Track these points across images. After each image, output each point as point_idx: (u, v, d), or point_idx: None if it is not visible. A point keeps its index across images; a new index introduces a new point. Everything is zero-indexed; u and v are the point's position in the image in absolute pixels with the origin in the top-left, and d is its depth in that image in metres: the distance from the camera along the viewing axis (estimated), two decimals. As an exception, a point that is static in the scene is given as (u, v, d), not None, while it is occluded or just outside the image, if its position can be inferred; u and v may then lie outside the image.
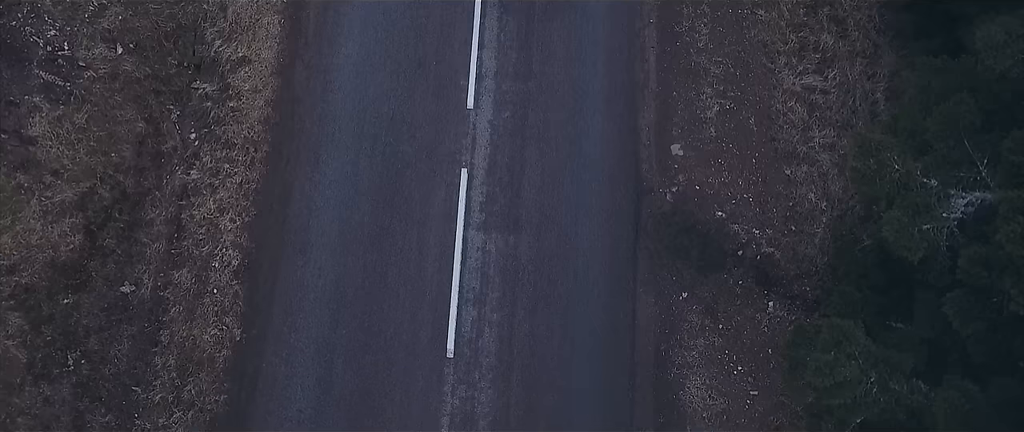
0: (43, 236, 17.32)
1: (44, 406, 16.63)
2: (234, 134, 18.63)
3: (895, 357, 13.29)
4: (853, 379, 13.06)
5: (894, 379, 13.30)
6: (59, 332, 17.04)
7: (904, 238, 12.80)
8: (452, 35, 19.40)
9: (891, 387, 13.27)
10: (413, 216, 18.07)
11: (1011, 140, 12.37)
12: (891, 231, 12.88)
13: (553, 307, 17.57)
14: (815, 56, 19.90)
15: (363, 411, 16.77)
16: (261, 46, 19.31)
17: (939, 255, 13.13)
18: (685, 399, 17.11)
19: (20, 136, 17.96)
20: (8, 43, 18.44)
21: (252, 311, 17.47)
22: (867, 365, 13.19)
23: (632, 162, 18.72)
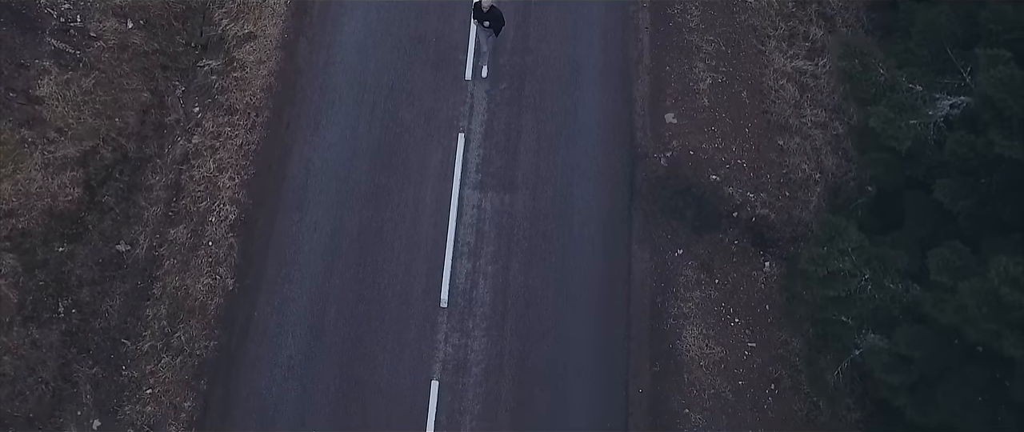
0: (43, 185, 17.45)
1: (31, 348, 16.40)
2: (236, 100, 19.01)
3: (889, 254, 13.20)
4: (846, 271, 12.95)
5: (889, 277, 13.18)
6: (52, 278, 16.96)
7: (891, 128, 12.92)
8: (452, 15, 20.01)
9: (886, 285, 13.14)
10: (410, 176, 18.23)
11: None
12: (878, 122, 13.01)
13: (548, 261, 17.51)
14: (805, 44, 20.40)
15: (354, 357, 16.51)
16: (267, 23, 19.92)
17: (927, 149, 13.20)
18: (681, 348, 16.83)
19: (27, 95, 18.33)
20: (22, 13, 19.04)
21: (246, 262, 17.44)
22: (860, 261, 13.10)
23: (626, 129, 18.99)
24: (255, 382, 16.33)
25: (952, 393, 11.98)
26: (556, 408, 16.18)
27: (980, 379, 11.99)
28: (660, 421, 16.19)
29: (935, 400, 12.27)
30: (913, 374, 12.77)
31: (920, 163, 13.37)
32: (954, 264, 11.35)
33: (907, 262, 13.22)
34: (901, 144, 12.92)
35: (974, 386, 11.98)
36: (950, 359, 12.27)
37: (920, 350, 12.21)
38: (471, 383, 16.33)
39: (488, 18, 17.98)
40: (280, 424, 15.97)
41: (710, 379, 16.55)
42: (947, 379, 12.15)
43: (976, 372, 12.05)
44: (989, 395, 11.95)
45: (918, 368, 12.67)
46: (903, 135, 12.86)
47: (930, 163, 13.25)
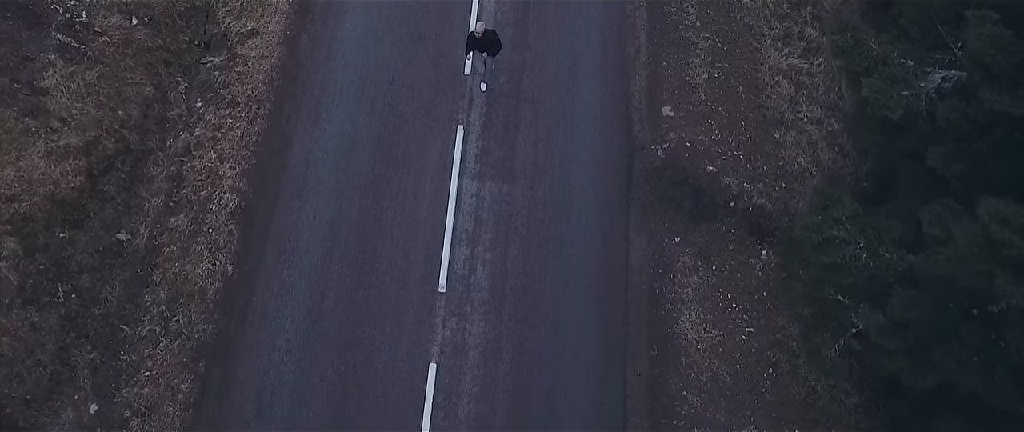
0: (45, 172, 17.60)
1: (30, 331, 16.44)
2: (238, 93, 19.25)
3: (883, 223, 13.31)
4: (841, 239, 13.04)
5: (883, 246, 13.26)
6: (52, 263, 17.05)
7: (883, 98, 13.10)
8: (452, 13, 20.33)
9: (881, 254, 13.22)
10: (409, 166, 18.39)
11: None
12: (871, 92, 13.19)
13: (546, 248, 17.60)
14: (800, 43, 20.68)
15: (353, 341, 16.54)
16: (269, 20, 20.23)
17: (919, 119, 13.37)
18: (679, 332, 16.85)
19: (32, 86, 18.57)
20: (29, 9, 19.35)
21: (246, 249, 17.53)
22: (855, 230, 13.21)
23: (624, 122, 19.19)
24: (253, 365, 16.33)
25: (947, 353, 12.01)
26: (554, 390, 16.16)
27: (975, 339, 12.02)
28: (658, 403, 16.16)
29: (931, 361, 12.29)
30: (909, 339, 12.80)
31: (913, 133, 13.53)
32: (946, 218, 11.45)
33: (901, 231, 13.32)
34: (893, 112, 13.08)
35: (969, 346, 12.01)
36: (945, 321, 12.32)
37: (915, 312, 12.25)
38: (469, 366, 16.33)
39: (485, 45, 18.00)
40: (278, 406, 15.94)
41: (708, 362, 16.55)
42: (942, 340, 12.18)
43: (971, 332, 12.08)
44: (984, 355, 11.98)
45: (914, 332, 12.70)
46: (895, 104, 13.03)
47: (922, 133, 13.41)
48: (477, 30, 17.82)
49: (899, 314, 12.35)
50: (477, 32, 17.83)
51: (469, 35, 18.18)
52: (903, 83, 13.34)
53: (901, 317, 12.39)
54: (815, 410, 16.33)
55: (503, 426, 15.80)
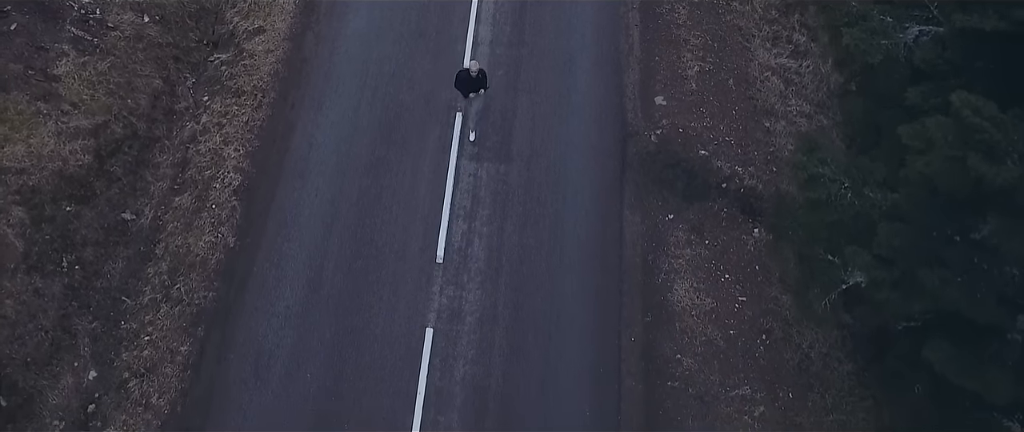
0: (55, 150, 18.09)
1: (33, 296, 16.69)
2: (244, 83, 19.88)
3: (867, 165, 13.72)
4: (827, 177, 13.44)
5: (868, 187, 13.65)
6: (58, 234, 17.40)
7: (863, 45, 13.66)
8: (452, 12, 21.12)
9: (865, 193, 13.61)
10: (409, 149, 18.88)
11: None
12: (851, 40, 13.75)
13: (541, 224, 17.94)
14: (788, 46, 21.37)
15: (351, 307, 16.76)
16: (276, 19, 21.01)
17: (898, 66, 13.88)
18: (673, 299, 17.07)
19: (45, 73, 19.21)
20: (45, 4, 20.13)
21: (248, 224, 17.90)
22: (839, 170, 13.61)
23: (617, 110, 19.75)
24: (252, 329, 16.52)
25: (932, 276, 12.24)
26: (549, 353, 16.31)
27: (958, 262, 12.28)
28: (652, 366, 16.28)
29: (917, 287, 12.53)
30: (895, 272, 13.07)
31: (892, 78, 14.03)
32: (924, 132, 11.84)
33: (884, 173, 13.70)
34: (873, 57, 13.63)
35: (952, 268, 12.27)
36: (929, 247, 12.59)
37: (899, 240, 12.56)
38: (465, 330, 16.52)
39: (475, 84, 18.00)
40: (275, 367, 16.08)
41: (702, 328, 16.73)
42: (927, 265, 12.44)
43: (954, 256, 12.35)
44: (967, 276, 12.23)
45: (899, 266, 12.98)
46: (875, 50, 13.59)
47: (901, 77, 13.91)
48: (472, 70, 17.78)
49: (884, 243, 12.63)
50: (472, 71, 17.79)
51: (461, 71, 18.13)
52: (882, 34, 13.91)
53: (887, 245, 12.68)
54: (809, 375, 16.44)
55: (499, 387, 15.89)
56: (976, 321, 12.07)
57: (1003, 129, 10.49)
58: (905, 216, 12.99)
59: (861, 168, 13.66)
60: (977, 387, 12.11)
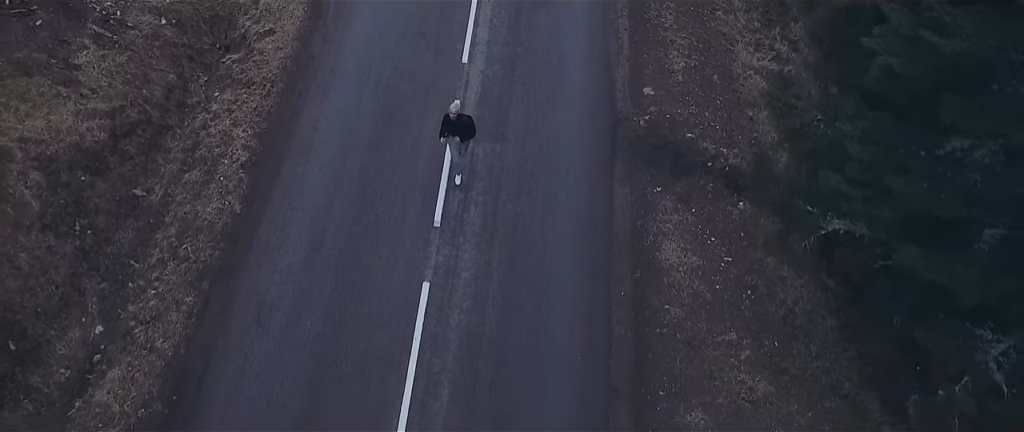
0: (73, 126, 19.03)
1: (46, 253, 17.38)
2: (254, 75, 21.00)
3: (838, 99, 14.63)
4: (800, 108, 14.34)
5: (839, 120, 14.53)
6: (72, 199, 18.20)
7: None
8: (452, 17, 22.43)
9: (837, 125, 14.48)
10: (409, 131, 19.84)
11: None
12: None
13: (535, 194, 18.74)
14: (771, 52, 22.58)
15: (351, 265, 17.42)
16: (285, 22, 22.30)
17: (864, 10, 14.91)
18: (661, 258, 17.71)
19: (67, 63, 20.32)
20: (69, 6, 21.45)
21: (253, 193, 18.72)
22: (811, 104, 14.53)
23: (608, 99, 20.79)
24: (255, 284, 17.14)
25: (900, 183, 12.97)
26: (541, 305, 16.86)
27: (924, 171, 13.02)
28: (641, 315, 16.81)
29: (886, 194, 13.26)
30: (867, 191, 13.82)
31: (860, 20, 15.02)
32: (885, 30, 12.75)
33: (854, 107, 14.57)
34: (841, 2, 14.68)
35: (919, 176, 13.01)
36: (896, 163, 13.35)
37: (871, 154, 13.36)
38: (460, 284, 17.13)
39: (459, 129, 17.94)
40: (276, 316, 16.64)
41: (689, 282, 17.33)
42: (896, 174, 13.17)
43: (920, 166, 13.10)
44: (932, 182, 12.96)
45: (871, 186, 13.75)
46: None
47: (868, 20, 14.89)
48: (451, 112, 17.76)
49: (856, 157, 13.43)
50: (451, 113, 17.76)
51: (444, 117, 18.05)
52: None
53: (858, 161, 13.47)
54: (793, 327, 16.94)
55: (492, 333, 16.40)
56: (942, 219, 12.73)
57: (952, 15, 11.43)
58: (875, 139, 13.80)
59: (832, 102, 14.54)
60: (945, 281, 12.70)
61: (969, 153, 13.27)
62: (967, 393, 12.72)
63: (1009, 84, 11.87)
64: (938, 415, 12.71)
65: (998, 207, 13.60)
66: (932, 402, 12.92)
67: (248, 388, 15.61)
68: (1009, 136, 13.11)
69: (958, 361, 13.01)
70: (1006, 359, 13.04)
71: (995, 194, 13.34)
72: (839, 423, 15.72)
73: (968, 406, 12.61)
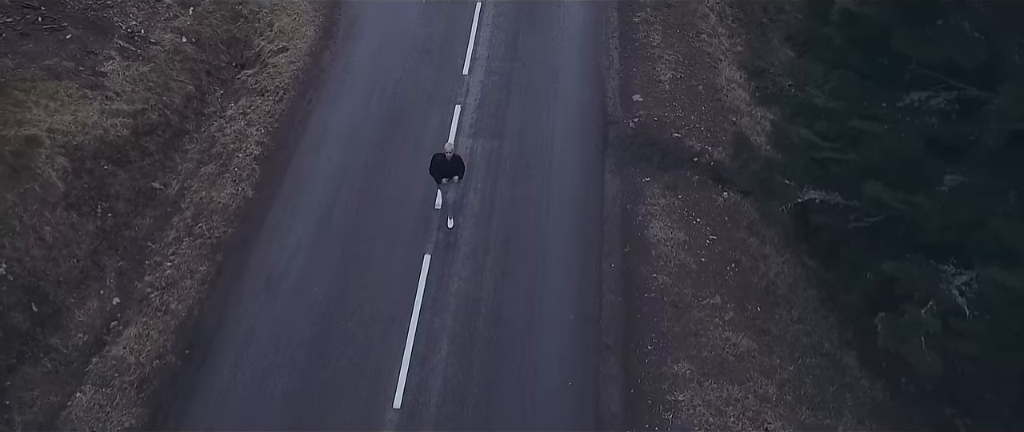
0: (98, 122, 20.30)
1: (69, 229, 18.44)
2: (268, 85, 22.42)
3: (808, 67, 15.95)
4: (773, 72, 15.68)
5: (809, 86, 15.85)
6: (95, 184, 19.36)
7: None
8: (453, 38, 24.01)
9: (807, 90, 15.77)
10: (413, 131, 21.13)
11: None
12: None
13: (531, 183, 19.89)
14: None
15: (356, 240, 18.46)
16: (298, 41, 23.85)
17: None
18: (649, 234, 18.74)
19: (94, 70, 21.77)
20: (97, 24, 23.04)
21: (265, 181, 19.88)
22: (784, 70, 15.86)
23: (600, 105, 22.14)
24: (266, 257, 18.15)
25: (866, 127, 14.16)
26: (536, 276, 17.81)
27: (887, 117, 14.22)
28: (630, 283, 17.74)
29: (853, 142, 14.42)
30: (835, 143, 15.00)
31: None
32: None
33: (822, 75, 15.87)
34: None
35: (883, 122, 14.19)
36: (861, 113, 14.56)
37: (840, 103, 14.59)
38: (459, 257, 18.13)
39: (452, 169, 18.21)
40: (286, 283, 17.59)
41: (675, 254, 18.31)
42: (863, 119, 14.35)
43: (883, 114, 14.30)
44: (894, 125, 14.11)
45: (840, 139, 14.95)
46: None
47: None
48: (447, 151, 18.09)
49: (824, 109, 14.66)
50: (447, 153, 18.06)
51: (435, 157, 18.30)
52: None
53: (826, 113, 14.70)
54: (775, 296, 17.87)
55: (489, 298, 17.32)
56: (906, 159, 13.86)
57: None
58: (841, 95, 15.05)
59: (802, 70, 15.85)
60: (907, 208, 13.75)
61: (926, 102, 14.51)
62: (932, 315, 13.57)
63: (953, 18, 13.16)
64: (905, 333, 13.55)
65: (957, 155, 14.80)
66: (900, 321, 13.77)
67: (258, 343, 16.46)
68: (963, 88, 14.43)
69: (924, 289, 13.92)
70: (968, 288, 13.97)
71: (952, 140, 14.55)
72: (819, 377, 16.51)
73: (933, 325, 13.46)
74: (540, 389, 15.81)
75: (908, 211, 13.76)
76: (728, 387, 15.89)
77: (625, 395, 15.85)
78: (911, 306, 13.87)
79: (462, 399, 15.58)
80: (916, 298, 14.02)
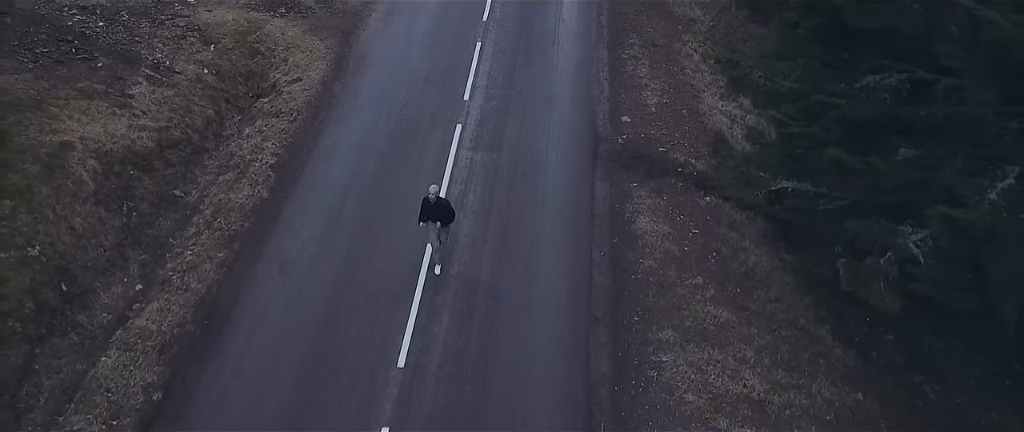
0: (125, 134, 21.96)
1: (98, 222, 19.87)
2: (282, 108, 24.18)
3: (775, 65, 17.74)
4: (745, 64, 17.41)
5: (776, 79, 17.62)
6: (122, 186, 20.88)
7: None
8: (455, 70, 25.90)
9: (776, 80, 17.52)
10: (417, 144, 22.77)
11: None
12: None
13: (526, 188, 21.41)
14: (734, 103, 25.84)
15: (363, 234, 19.86)
16: (311, 73, 25.73)
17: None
18: (636, 228, 20.15)
19: (122, 92, 23.56)
20: (126, 55, 24.98)
21: (280, 185, 21.40)
22: (755, 65, 17.58)
23: (590, 125, 23.84)
24: (280, 247, 19.54)
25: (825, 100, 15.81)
26: (530, 261, 19.14)
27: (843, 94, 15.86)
28: (618, 267, 19.07)
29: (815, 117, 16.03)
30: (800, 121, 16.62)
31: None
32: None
33: (788, 68, 17.62)
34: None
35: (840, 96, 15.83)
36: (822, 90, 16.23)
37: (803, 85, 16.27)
38: (460, 245, 19.51)
39: (438, 212, 18.33)
40: (298, 268, 18.93)
41: (660, 243, 19.69)
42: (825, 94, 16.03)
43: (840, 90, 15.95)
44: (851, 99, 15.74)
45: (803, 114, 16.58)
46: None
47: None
48: (430, 195, 18.14)
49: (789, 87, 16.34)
50: (430, 196, 18.14)
51: (423, 201, 18.42)
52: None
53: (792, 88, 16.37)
54: (754, 280, 19.18)
55: (487, 279, 18.64)
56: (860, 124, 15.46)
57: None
58: (805, 79, 16.77)
59: (771, 64, 17.59)
60: (865, 169, 15.25)
61: (880, 82, 16.18)
62: (891, 263, 14.92)
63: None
64: (865, 278, 14.86)
65: (911, 131, 16.41)
66: (860, 267, 15.09)
67: (272, 316, 17.70)
68: (913, 71, 16.14)
69: (883, 242, 15.30)
70: (923, 243, 15.35)
71: (905, 114, 16.17)
72: (795, 345, 17.70)
73: (891, 271, 14.78)
74: (534, 353, 16.98)
75: (866, 170, 15.21)
76: (709, 350, 17.05)
77: (613, 358, 17.01)
78: (871, 257, 15.20)
79: (461, 360, 16.74)
80: (876, 250, 15.36)
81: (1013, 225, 13.48)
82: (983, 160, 14.80)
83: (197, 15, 27.50)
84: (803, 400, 16.42)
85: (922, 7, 14.74)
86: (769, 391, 16.39)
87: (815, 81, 16.55)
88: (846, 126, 15.74)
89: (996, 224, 13.38)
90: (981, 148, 15.18)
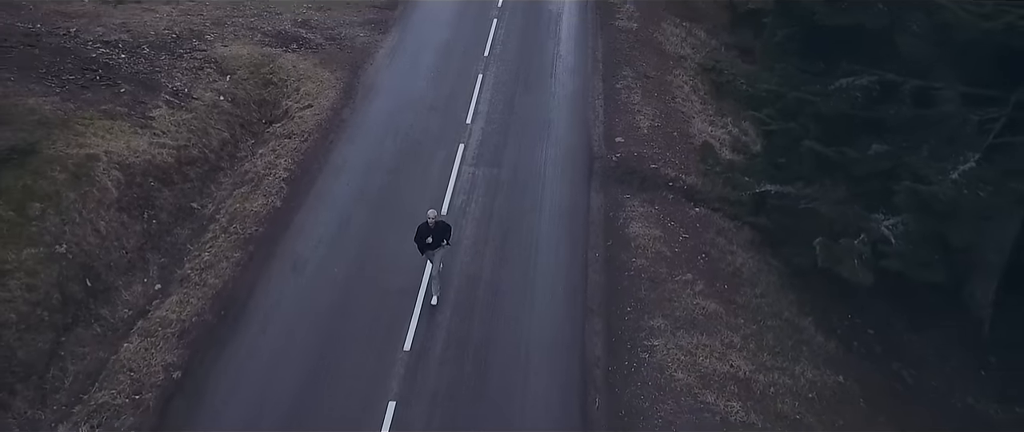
0: (147, 150, 23.27)
1: (120, 227, 21.06)
2: (294, 130, 25.54)
3: (755, 73, 19.11)
4: (727, 70, 18.79)
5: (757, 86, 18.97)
6: (144, 196, 22.10)
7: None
8: (458, 98, 27.33)
9: (757, 86, 18.88)
10: (421, 162, 24.06)
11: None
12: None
13: (525, 198, 22.61)
14: (723, 129, 27.27)
15: (372, 238, 21.00)
16: (322, 100, 27.15)
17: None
18: (629, 232, 21.31)
19: (143, 115, 24.95)
20: (147, 83, 26.44)
21: (292, 196, 22.63)
22: (738, 73, 18.97)
23: (586, 145, 25.16)
24: (292, 247, 20.67)
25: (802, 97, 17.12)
26: (528, 262, 20.24)
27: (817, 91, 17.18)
28: (612, 266, 20.17)
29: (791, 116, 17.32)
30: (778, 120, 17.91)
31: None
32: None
33: (771, 76, 19.02)
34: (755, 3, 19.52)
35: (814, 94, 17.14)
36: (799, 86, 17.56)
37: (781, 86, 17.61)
38: (463, 247, 20.63)
39: (435, 235, 18.55)
40: (309, 266, 20.03)
41: (652, 245, 20.81)
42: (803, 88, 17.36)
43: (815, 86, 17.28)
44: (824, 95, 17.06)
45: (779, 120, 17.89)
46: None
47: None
48: (430, 219, 18.41)
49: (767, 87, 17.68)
50: (430, 221, 18.40)
51: (421, 226, 18.67)
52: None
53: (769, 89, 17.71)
54: (741, 279, 20.26)
55: (488, 275, 19.74)
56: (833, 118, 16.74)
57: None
58: (783, 83, 18.14)
59: (751, 74, 18.98)
60: (839, 158, 16.49)
61: (853, 83, 17.53)
62: (864, 244, 16.05)
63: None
64: (840, 256, 15.97)
65: (881, 127, 17.71)
66: (835, 246, 16.22)
67: (285, 308, 18.76)
68: (883, 74, 17.50)
69: (856, 225, 16.46)
70: (894, 228, 16.51)
71: (875, 114, 17.48)
72: (780, 333, 18.71)
73: (864, 250, 15.91)
74: (532, 339, 18.00)
75: (840, 159, 16.44)
76: (698, 336, 18.08)
77: (607, 343, 18.02)
78: (846, 239, 16.34)
79: (464, 344, 17.76)
80: (850, 233, 16.51)
81: (971, 201, 14.66)
82: (947, 148, 16.03)
83: (214, 49, 29.03)
84: (787, 380, 17.38)
85: (886, 6, 16.15)
86: (755, 371, 17.36)
87: (792, 83, 17.89)
88: (821, 121, 17.02)
89: (957, 198, 14.55)
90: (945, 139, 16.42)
